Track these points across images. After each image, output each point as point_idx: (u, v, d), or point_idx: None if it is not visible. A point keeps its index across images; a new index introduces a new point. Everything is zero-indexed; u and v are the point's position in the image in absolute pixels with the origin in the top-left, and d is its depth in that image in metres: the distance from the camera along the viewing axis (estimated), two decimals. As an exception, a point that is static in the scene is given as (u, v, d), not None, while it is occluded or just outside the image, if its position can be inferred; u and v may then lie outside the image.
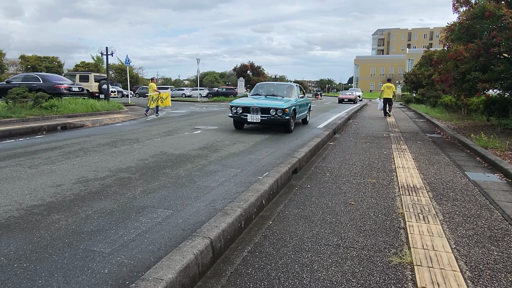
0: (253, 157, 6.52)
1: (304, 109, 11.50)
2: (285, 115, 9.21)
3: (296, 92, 10.82)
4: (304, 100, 11.58)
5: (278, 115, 9.22)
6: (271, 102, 9.66)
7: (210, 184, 4.71)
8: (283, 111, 9.20)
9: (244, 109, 9.64)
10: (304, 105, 11.33)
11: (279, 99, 10.13)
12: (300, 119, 11.37)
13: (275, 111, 9.24)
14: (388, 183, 4.77)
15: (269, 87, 11.53)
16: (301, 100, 10.99)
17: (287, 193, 4.33)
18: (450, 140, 8.72)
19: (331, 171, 5.39)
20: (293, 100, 10.07)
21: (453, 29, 8.91)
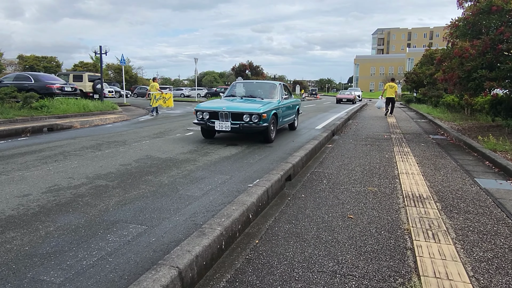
0: (245, 161, 6.07)
1: (290, 113, 9.61)
2: (262, 122, 7.34)
3: (279, 93, 8.90)
4: (290, 102, 9.64)
5: (253, 121, 7.32)
6: (245, 105, 7.79)
7: (194, 193, 4.26)
8: (260, 116, 7.29)
9: (211, 114, 7.71)
10: (289, 107, 9.44)
11: (257, 101, 8.26)
12: (286, 124, 9.53)
13: (249, 117, 7.34)
14: (391, 192, 4.32)
15: (247, 87, 9.77)
16: (286, 102, 9.10)
17: (279, 204, 3.88)
18: (455, 142, 8.27)
19: (328, 178, 4.94)
20: (274, 103, 8.26)
21: (457, 25, 8.46)
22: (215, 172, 5.27)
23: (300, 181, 4.80)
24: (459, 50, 8.00)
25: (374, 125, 11.87)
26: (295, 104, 10.14)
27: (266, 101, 8.29)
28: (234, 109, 7.52)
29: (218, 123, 7.55)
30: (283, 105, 8.71)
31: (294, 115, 10.08)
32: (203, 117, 7.79)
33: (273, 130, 8.08)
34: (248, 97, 8.77)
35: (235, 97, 8.98)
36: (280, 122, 8.50)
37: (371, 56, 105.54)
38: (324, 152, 6.84)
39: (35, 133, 9.18)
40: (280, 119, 8.50)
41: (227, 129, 7.48)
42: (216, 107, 7.72)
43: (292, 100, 9.87)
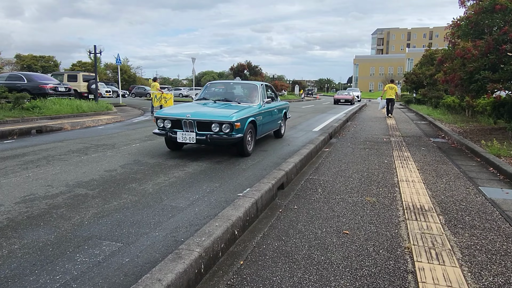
0: (236, 167, 5.77)
1: (275, 119, 8.23)
2: (234, 132, 5.99)
3: (260, 95, 7.47)
4: (275, 105, 8.23)
5: (224, 132, 5.96)
6: (216, 111, 6.39)
7: (179, 203, 3.96)
8: (232, 126, 5.93)
9: (173, 122, 6.27)
10: (274, 112, 8.04)
11: (233, 106, 6.85)
12: (270, 131, 8.28)
13: (219, 126, 5.96)
14: (390, 203, 4.03)
15: (223, 88, 8.44)
16: (269, 106, 7.70)
17: (269, 217, 3.58)
18: (457, 146, 7.98)
19: (323, 186, 4.64)
20: (254, 108, 6.89)
21: (459, 25, 8.18)
22: (204, 179, 4.98)
23: (293, 189, 4.51)
24: (461, 50, 7.71)
25: (373, 127, 11.59)
26: (281, 108, 8.70)
27: (243, 105, 6.90)
28: (200, 117, 6.05)
29: (180, 133, 6.10)
30: (265, 110, 7.34)
31: (280, 121, 8.72)
32: (165, 126, 6.35)
33: (251, 141, 6.73)
34: (223, 101, 7.30)
35: (207, 100, 7.48)
36: (260, 130, 7.12)
37: (370, 56, 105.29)
38: (321, 157, 6.56)
39: (22, 136, 8.88)
40: (261, 127, 7.12)
41: (191, 141, 6.05)
42: (179, 113, 6.24)
43: (277, 104, 8.51)
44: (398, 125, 12.39)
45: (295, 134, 9.86)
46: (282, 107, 8.91)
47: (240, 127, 6.09)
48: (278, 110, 8.46)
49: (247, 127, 6.35)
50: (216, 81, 9.00)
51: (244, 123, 6.22)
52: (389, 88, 16.24)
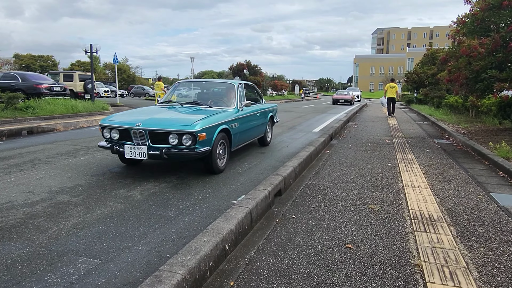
0: (232, 170, 5.48)
1: (259, 124, 6.90)
2: (198, 145, 4.68)
3: (237, 97, 6.12)
4: (258, 109, 6.92)
5: (184, 145, 4.64)
6: (175, 118, 5.02)
7: (167, 212, 3.67)
8: (194, 137, 4.60)
9: (122, 133, 4.94)
10: (256, 117, 6.72)
11: (201, 111, 5.49)
12: (253, 139, 6.92)
13: (177, 138, 4.64)
14: (396, 211, 3.73)
15: (194, 89, 7.23)
16: (250, 110, 6.41)
17: (264, 228, 3.29)
18: (462, 147, 7.68)
19: (324, 192, 4.35)
20: (228, 112, 5.63)
21: (465, 22, 7.87)
22: (197, 184, 4.68)
23: (291, 196, 4.22)
24: (467, 48, 7.41)
25: (374, 128, 11.29)
26: (265, 111, 7.38)
27: (215, 110, 5.62)
28: (153, 126, 4.71)
29: (129, 147, 4.76)
30: (244, 115, 6.06)
31: (265, 127, 7.38)
32: (112, 137, 5.02)
33: (224, 154, 5.42)
34: (192, 104, 5.97)
35: (173, 104, 6.21)
36: (237, 140, 5.84)
37: (370, 56, 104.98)
38: (321, 160, 6.26)
39: (12, 137, 8.58)
40: (238, 136, 5.81)
41: (142, 157, 4.70)
42: (128, 121, 4.92)
43: (261, 107, 7.18)
44: (400, 126, 12.09)
45: (295, 135, 9.56)
46: (268, 110, 7.57)
47: (207, 138, 4.76)
48: (262, 114, 7.13)
49: (217, 138, 5.05)
50: (185, 80, 7.60)
51: (212, 133, 4.91)
52: (390, 88, 16.35)
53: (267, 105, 7.71)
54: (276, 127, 11.31)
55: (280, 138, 8.98)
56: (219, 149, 5.23)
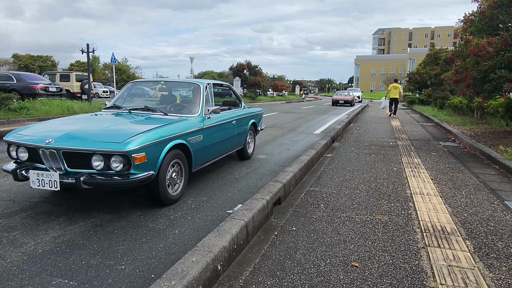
0: (229, 176, 5.18)
1: (235, 134, 5.56)
2: (134, 170, 3.38)
3: (202, 101, 4.76)
4: (235, 115, 5.62)
5: (113, 170, 3.35)
6: (107, 130, 3.73)
7: (157, 224, 3.37)
8: (126, 159, 3.32)
9: (32, 152, 3.61)
10: (232, 126, 5.41)
11: (150, 120, 4.24)
12: (228, 152, 5.54)
13: (102, 160, 3.34)
14: (405, 222, 3.43)
15: (147, 91, 6.08)
16: (222, 117, 5.07)
17: (262, 242, 2.99)
18: (470, 150, 7.38)
19: (326, 200, 4.05)
20: (191, 121, 4.36)
21: (472, 20, 7.57)
22: (190, 192, 4.38)
23: (291, 204, 3.92)
24: (475, 47, 7.11)
25: (377, 129, 10.98)
26: (245, 118, 6.01)
27: (172, 118, 4.27)
28: (69, 143, 3.37)
29: (35, 174, 3.42)
30: (212, 125, 4.67)
31: (244, 137, 5.99)
32: (19, 157, 3.67)
33: (180, 178, 4.05)
34: (142, 111, 4.56)
35: (120, 110, 4.71)
36: (200, 157, 4.44)
37: (371, 56, 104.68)
38: (323, 164, 5.96)
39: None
40: (201, 152, 4.42)
41: (53, 186, 3.35)
42: (38, 137, 3.56)
43: (239, 113, 5.81)
44: (403, 127, 11.79)
45: (295, 137, 9.27)
46: (248, 116, 6.16)
47: (148, 160, 3.41)
48: (241, 122, 5.76)
49: (167, 158, 3.68)
50: (140, 80, 6.09)
51: (157, 152, 3.54)
52: (393, 88, 16.42)
53: (247, 110, 6.27)
54: (277, 128, 11.02)
55: (281, 140, 8.69)
56: (170, 172, 3.82)
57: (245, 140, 6.12)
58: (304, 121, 14.03)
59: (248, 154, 6.32)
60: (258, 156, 6.65)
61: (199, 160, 4.45)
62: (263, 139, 8.70)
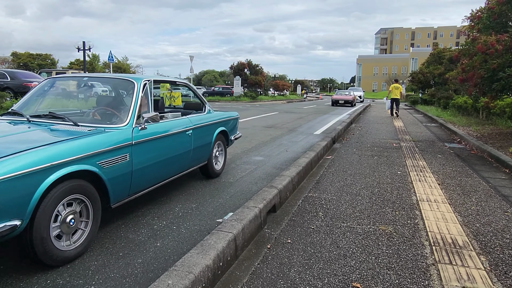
0: (222, 180, 4.87)
1: (191, 149, 4.14)
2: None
3: (134, 106, 3.33)
4: (189, 124, 4.14)
5: None
6: None
7: (138, 235, 3.07)
8: None
9: None
10: (183, 138, 3.99)
11: (47, 133, 2.97)
12: (187, 170, 4.26)
13: None
14: (411, 234, 3.11)
15: (65, 89, 4.59)
16: (165, 128, 3.66)
17: (252, 257, 2.68)
18: (477, 152, 7.05)
19: (325, 208, 3.73)
20: (112, 135, 2.99)
21: (480, 17, 7.24)
22: (179, 198, 4.07)
23: (287, 213, 3.60)
24: (483, 45, 6.77)
25: (380, 130, 10.66)
26: (208, 125, 4.59)
27: (79, 131, 2.96)
28: None
29: None
30: (149, 139, 3.35)
31: (207, 150, 4.59)
32: None
33: (85, 223, 2.71)
34: (47, 119, 3.25)
35: (19, 116, 3.35)
36: (126, 186, 3.10)
37: (374, 56, 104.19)
38: (322, 166, 5.65)
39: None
40: (128, 180, 3.10)
41: None
42: None
43: (198, 120, 4.36)
44: (407, 128, 11.46)
45: (295, 138, 8.95)
46: (214, 123, 4.70)
47: (7, 201, 2.13)
48: (201, 131, 4.32)
49: (52, 196, 2.39)
50: (61, 76, 4.45)
51: (29, 188, 2.24)
52: (394, 88, 16.13)
53: (213, 116, 4.80)
54: (276, 129, 10.71)
55: (280, 141, 8.37)
56: (62, 215, 2.49)
57: (210, 154, 4.67)
58: (304, 121, 13.72)
59: (215, 171, 4.87)
60: (255, 158, 6.34)
61: (123, 190, 3.05)
62: (261, 139, 8.39)
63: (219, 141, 5.04)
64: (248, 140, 8.28)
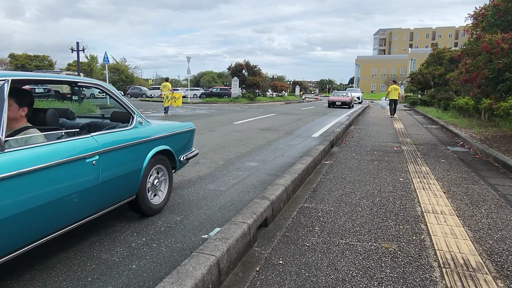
0: (213, 187, 4.55)
1: (103, 181, 2.78)
2: None
3: None
4: (98, 143, 2.77)
5: None
6: None
7: (112, 255, 2.74)
8: None
9: None
10: (90, 168, 2.65)
11: None
12: (104, 210, 2.93)
13: None
14: (418, 253, 2.79)
15: None
16: (40, 155, 2.24)
17: (238, 283, 2.35)
18: (482, 157, 6.74)
19: (322, 221, 3.41)
20: None
21: (484, 14, 6.92)
22: (164, 210, 3.74)
23: (280, 227, 3.28)
24: (488, 44, 6.46)
25: (379, 132, 10.34)
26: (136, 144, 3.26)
27: None
28: None
29: None
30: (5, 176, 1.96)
31: (133, 182, 3.22)
32: None
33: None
34: None
35: None
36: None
37: (372, 57, 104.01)
38: (320, 173, 5.33)
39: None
40: None
41: None
42: None
43: (117, 138, 3.06)
44: (407, 130, 11.14)
45: (292, 141, 8.63)
46: (144, 141, 3.37)
47: None
48: (123, 155, 3.09)
49: None
50: None
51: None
52: (393, 89, 16.14)
53: (144, 131, 3.43)
54: (273, 131, 10.38)
55: (276, 144, 8.05)
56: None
57: (142, 185, 3.30)
58: (302, 123, 13.40)
59: (151, 206, 3.46)
60: (249, 163, 6.02)
61: None
62: (257, 143, 8.07)
63: (159, 165, 3.61)
64: (243, 144, 7.96)
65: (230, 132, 9.86)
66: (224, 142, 8.07)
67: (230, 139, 8.63)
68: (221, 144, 7.85)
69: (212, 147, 7.45)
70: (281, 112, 19.26)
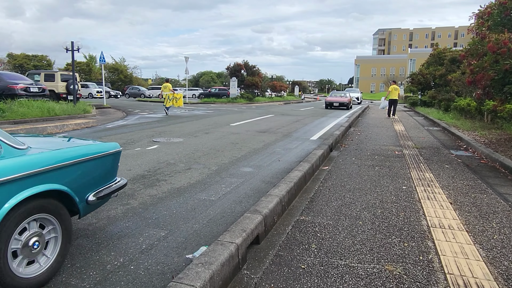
0: (203, 196, 4.24)
1: None
2: None
3: None
4: None
5: None
6: None
7: (83, 280, 2.44)
8: None
9: None
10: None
11: None
12: None
13: None
14: (426, 278, 2.49)
15: None
16: None
17: (222, 318, 2.05)
18: (488, 162, 6.44)
19: (319, 238, 3.11)
20: None
21: (490, 13, 6.63)
22: (148, 224, 3.44)
23: (274, 244, 2.98)
24: (494, 44, 6.16)
25: (380, 135, 10.04)
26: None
27: None
28: None
29: None
30: None
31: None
32: None
33: None
34: None
35: None
36: None
37: (372, 57, 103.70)
38: (318, 180, 5.03)
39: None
40: None
41: None
42: None
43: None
44: (408, 132, 10.84)
45: (289, 144, 8.32)
46: (3, 181, 1.99)
47: None
48: None
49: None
50: None
51: None
52: (393, 89, 16.03)
53: (8, 163, 2.11)
54: (270, 134, 10.08)
55: (272, 148, 7.75)
56: None
57: None
58: (301, 124, 13.10)
59: (16, 280, 2.15)
60: (244, 169, 5.72)
61: None
62: (253, 147, 7.77)
63: (42, 215, 2.33)
64: (239, 147, 7.66)
65: (226, 135, 9.56)
66: (219, 146, 7.78)
67: (225, 142, 8.33)
68: (216, 147, 7.55)
69: (206, 151, 7.15)
70: (279, 113, 18.96)
